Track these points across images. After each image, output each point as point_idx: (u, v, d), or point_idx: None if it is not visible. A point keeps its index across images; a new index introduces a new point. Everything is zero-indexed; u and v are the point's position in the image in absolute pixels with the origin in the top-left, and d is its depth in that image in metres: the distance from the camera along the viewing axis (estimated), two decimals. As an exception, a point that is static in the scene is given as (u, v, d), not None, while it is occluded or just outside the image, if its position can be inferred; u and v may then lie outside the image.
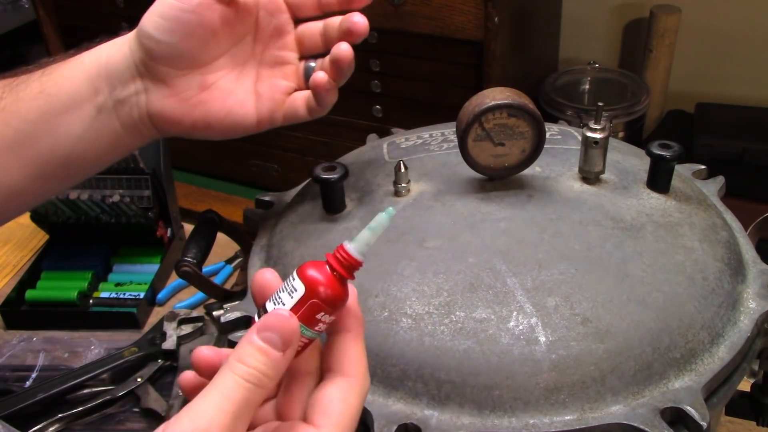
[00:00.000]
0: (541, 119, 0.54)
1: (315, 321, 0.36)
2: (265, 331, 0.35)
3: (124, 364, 0.84)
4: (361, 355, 0.38)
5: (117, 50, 0.52)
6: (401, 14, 0.99)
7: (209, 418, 0.33)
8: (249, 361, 0.34)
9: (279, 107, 0.53)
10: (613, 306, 0.47)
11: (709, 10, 1.26)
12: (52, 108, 0.52)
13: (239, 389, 0.34)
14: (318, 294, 0.36)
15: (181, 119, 0.52)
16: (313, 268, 0.37)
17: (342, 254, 0.37)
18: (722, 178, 0.64)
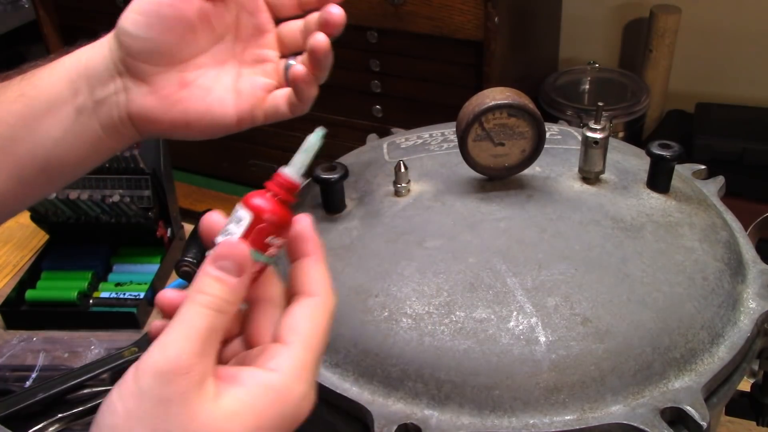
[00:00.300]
0: (541, 119, 0.54)
1: (265, 245, 0.38)
2: (218, 261, 0.36)
3: (124, 364, 0.84)
4: (324, 275, 0.39)
5: (96, 51, 0.52)
6: (401, 14, 0.99)
7: (178, 347, 0.34)
8: (207, 290, 0.36)
9: (260, 105, 0.53)
10: (613, 306, 0.47)
11: (709, 10, 1.26)
12: (31, 111, 0.52)
13: (202, 317, 0.35)
14: (263, 218, 0.38)
15: (160, 117, 0.52)
16: (255, 196, 0.38)
17: (280, 179, 0.39)
18: (722, 178, 0.64)
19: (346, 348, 0.48)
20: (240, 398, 0.35)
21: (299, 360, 0.36)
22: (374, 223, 0.54)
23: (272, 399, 0.35)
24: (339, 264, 0.51)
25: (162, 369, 0.33)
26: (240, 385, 0.35)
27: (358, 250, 0.52)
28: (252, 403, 0.35)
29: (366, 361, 0.47)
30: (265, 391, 0.35)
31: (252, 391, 0.35)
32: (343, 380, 0.47)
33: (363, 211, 0.56)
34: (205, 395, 0.34)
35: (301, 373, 0.36)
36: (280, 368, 0.36)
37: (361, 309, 0.48)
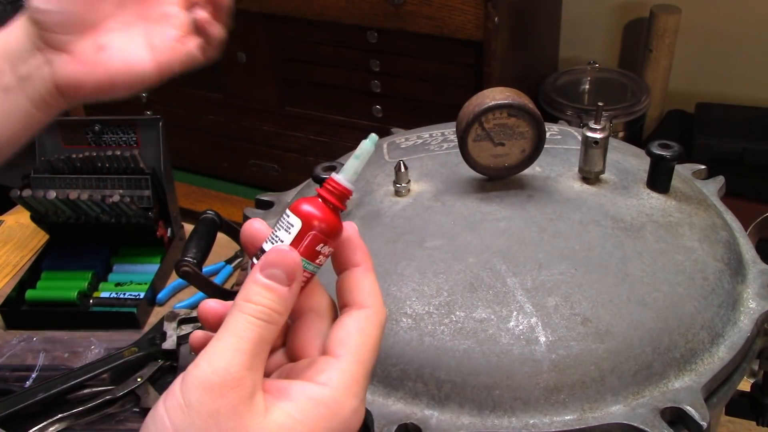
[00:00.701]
0: (541, 119, 0.54)
1: (315, 253, 0.37)
2: (268, 268, 0.35)
3: (124, 364, 0.84)
4: (375, 286, 0.38)
5: (12, 32, 0.54)
6: (401, 14, 0.99)
7: (227, 359, 0.33)
8: (257, 299, 0.35)
9: (175, 55, 0.57)
10: (613, 306, 0.47)
11: (709, 10, 1.26)
12: None
13: (252, 327, 0.34)
14: (315, 225, 0.36)
15: (86, 82, 0.55)
16: (305, 202, 0.37)
17: (332, 185, 0.37)
18: (722, 178, 0.64)
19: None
20: (290, 413, 0.34)
21: (350, 374, 0.35)
22: (374, 223, 0.54)
23: (322, 414, 0.34)
24: (339, 264, 0.51)
25: (211, 382, 0.32)
26: (290, 400, 0.34)
27: (358, 250, 0.52)
28: (302, 418, 0.34)
29: (366, 361, 0.47)
30: (315, 406, 0.34)
31: (302, 406, 0.34)
32: (343, 380, 0.47)
33: (363, 211, 0.56)
34: (255, 409, 0.33)
35: (352, 388, 0.35)
36: (331, 382, 0.35)
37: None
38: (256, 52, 1.53)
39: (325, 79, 1.46)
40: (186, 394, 0.32)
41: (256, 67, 1.56)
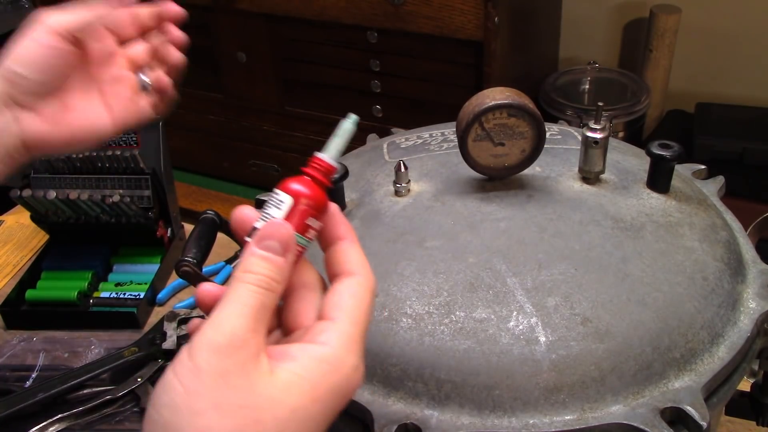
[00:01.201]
0: (541, 119, 0.54)
1: (306, 227, 0.38)
2: (263, 240, 0.37)
3: (124, 364, 0.84)
4: (361, 256, 0.40)
5: None
6: (401, 14, 0.99)
7: (232, 323, 0.34)
8: (255, 269, 0.36)
9: (129, 113, 0.62)
10: (613, 306, 0.47)
11: (709, 10, 1.26)
12: None
13: (253, 294, 0.36)
14: (303, 200, 0.38)
15: (52, 139, 0.59)
16: (293, 180, 0.39)
17: (317, 162, 0.39)
18: (722, 178, 0.64)
19: (346, 348, 0.48)
20: (295, 371, 0.35)
21: (347, 333, 0.37)
22: (374, 223, 0.54)
23: (325, 370, 0.36)
24: (339, 264, 0.51)
25: (219, 344, 0.34)
26: (293, 360, 0.36)
27: (358, 250, 0.52)
28: (307, 375, 0.35)
29: (366, 361, 0.46)
30: (318, 364, 0.36)
31: (305, 364, 0.36)
32: (343, 380, 0.47)
33: (363, 211, 0.56)
34: (261, 368, 0.35)
35: (351, 346, 0.37)
36: (330, 341, 0.36)
37: (361, 309, 0.48)
38: (256, 52, 1.53)
39: (325, 79, 1.46)
40: (194, 357, 0.34)
41: (256, 67, 1.56)
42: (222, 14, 1.45)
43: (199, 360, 0.34)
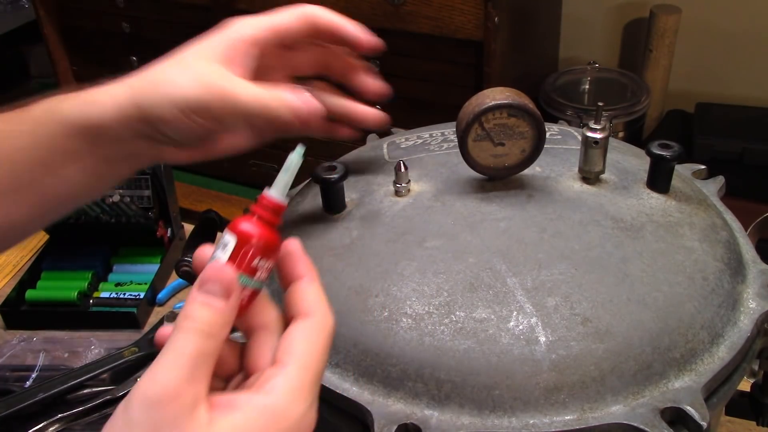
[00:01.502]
0: (541, 119, 0.54)
1: (252, 268, 0.38)
2: (204, 285, 0.36)
3: (124, 364, 0.84)
4: (319, 294, 0.39)
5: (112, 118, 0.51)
6: (401, 14, 0.99)
7: (166, 374, 0.34)
8: (194, 315, 0.35)
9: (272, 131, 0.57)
10: (613, 306, 0.47)
11: (709, 10, 1.26)
12: (49, 161, 0.52)
13: (190, 342, 0.35)
14: (248, 240, 0.38)
15: (188, 160, 0.56)
16: (240, 220, 0.39)
17: (264, 201, 0.39)
18: (722, 178, 0.64)
19: (346, 348, 0.48)
20: (235, 423, 0.34)
21: (296, 380, 0.36)
22: (374, 223, 0.54)
23: (268, 421, 0.35)
24: (339, 264, 0.51)
25: (150, 396, 0.33)
26: (236, 410, 0.35)
27: (358, 250, 0.52)
28: (248, 426, 0.34)
29: (366, 361, 0.47)
30: (261, 414, 0.35)
31: (247, 415, 0.35)
32: (343, 380, 0.47)
33: (363, 211, 0.56)
34: (196, 421, 0.34)
35: (299, 394, 0.36)
36: (275, 390, 0.36)
37: (361, 309, 0.48)
38: (256, 52, 1.52)
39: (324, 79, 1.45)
40: (128, 410, 0.33)
41: (256, 67, 1.56)
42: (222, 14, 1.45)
43: (131, 414, 0.33)
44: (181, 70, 0.50)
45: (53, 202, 0.55)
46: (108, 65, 1.58)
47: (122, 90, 0.51)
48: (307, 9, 0.54)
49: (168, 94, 0.49)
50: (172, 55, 0.52)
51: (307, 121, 0.52)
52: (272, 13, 0.54)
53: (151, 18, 1.44)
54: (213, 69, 0.50)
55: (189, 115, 0.49)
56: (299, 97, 0.51)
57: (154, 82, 0.50)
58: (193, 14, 1.46)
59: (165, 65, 0.51)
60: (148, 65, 0.52)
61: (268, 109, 0.50)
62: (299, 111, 0.51)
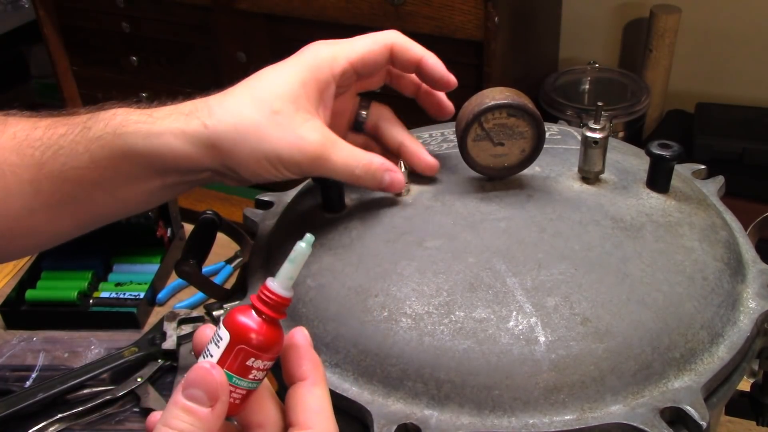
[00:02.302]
0: (541, 119, 0.54)
1: (247, 369, 0.35)
2: (188, 388, 0.34)
3: (124, 364, 0.84)
4: (321, 403, 0.37)
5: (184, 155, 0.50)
6: (401, 14, 0.99)
7: None
8: (174, 424, 0.33)
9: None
10: (613, 306, 0.47)
11: (709, 10, 1.26)
12: (107, 182, 0.51)
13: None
14: (244, 339, 0.35)
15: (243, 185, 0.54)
16: (238, 312, 0.35)
17: (266, 294, 0.35)
18: (722, 178, 0.64)
19: (346, 348, 0.48)
20: None
21: None
22: (374, 223, 0.54)
23: None
24: (339, 264, 0.51)
25: None
26: None
27: (358, 250, 0.52)
28: None
29: (366, 361, 0.47)
30: None
31: None
32: (343, 380, 0.47)
33: (363, 211, 0.56)
34: None
35: None
36: None
37: (360, 309, 0.48)
38: (256, 52, 1.52)
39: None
40: None
41: (256, 67, 1.56)
42: (222, 14, 1.45)
43: None
44: (274, 125, 0.48)
45: (104, 217, 0.55)
46: (108, 65, 1.58)
47: (196, 128, 0.49)
48: (388, 37, 0.53)
49: (257, 146, 0.48)
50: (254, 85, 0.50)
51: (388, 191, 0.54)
52: (354, 40, 0.53)
53: (151, 18, 1.45)
54: (309, 128, 0.49)
55: (276, 167, 0.49)
56: (389, 175, 0.53)
57: (241, 130, 0.48)
58: (193, 14, 1.46)
59: (250, 108, 0.49)
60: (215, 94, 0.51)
61: (354, 178, 0.52)
62: (384, 187, 0.53)
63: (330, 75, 0.51)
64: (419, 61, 0.55)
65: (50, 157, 0.51)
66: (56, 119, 0.52)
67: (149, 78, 1.62)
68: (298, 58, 0.52)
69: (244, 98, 0.50)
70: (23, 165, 0.51)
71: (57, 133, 0.51)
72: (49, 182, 0.51)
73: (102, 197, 0.52)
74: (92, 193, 0.52)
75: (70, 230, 0.55)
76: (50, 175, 0.51)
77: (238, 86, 0.52)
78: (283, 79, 0.51)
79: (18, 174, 0.51)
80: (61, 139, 0.51)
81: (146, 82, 1.67)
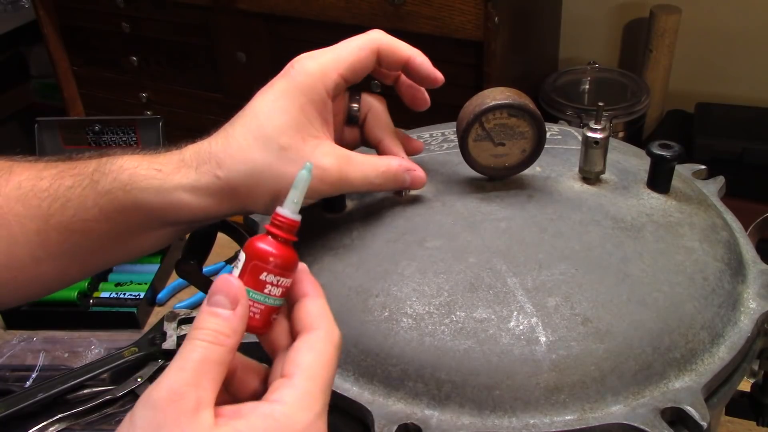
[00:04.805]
0: (542, 119, 0.54)
1: (261, 283, 0.39)
2: (212, 296, 0.38)
3: (124, 364, 0.84)
4: (324, 309, 0.40)
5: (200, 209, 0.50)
6: (401, 14, 0.99)
7: (169, 377, 0.35)
8: (202, 324, 0.37)
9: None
10: (613, 306, 0.47)
11: (709, 10, 1.26)
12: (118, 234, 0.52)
13: (197, 349, 0.36)
14: (257, 255, 0.39)
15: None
16: (255, 238, 0.40)
17: (277, 219, 0.40)
18: (722, 178, 0.64)
19: (346, 348, 0.48)
20: (238, 428, 0.35)
21: (301, 390, 0.37)
22: (374, 223, 0.54)
23: (272, 428, 0.36)
24: (339, 264, 0.51)
25: (154, 398, 0.35)
26: (240, 417, 0.36)
27: (358, 250, 0.52)
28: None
29: (366, 361, 0.47)
30: (264, 421, 0.36)
31: (252, 422, 0.36)
32: (343, 380, 0.47)
33: (363, 211, 0.56)
34: (200, 423, 0.34)
35: (304, 403, 0.37)
36: (283, 399, 0.37)
37: (361, 309, 0.48)
38: (256, 52, 1.53)
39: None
40: (132, 415, 0.35)
41: (256, 67, 1.56)
42: (222, 14, 1.45)
43: (135, 417, 0.35)
44: (287, 162, 0.48)
45: (111, 263, 0.57)
46: (108, 65, 1.58)
47: (209, 181, 0.49)
48: (374, 39, 0.53)
49: (275, 186, 0.49)
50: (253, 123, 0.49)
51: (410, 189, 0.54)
52: (340, 47, 0.52)
53: (151, 18, 1.45)
54: (323, 154, 0.49)
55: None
56: (409, 175, 0.53)
57: (256, 175, 0.48)
58: (193, 14, 1.46)
59: (258, 150, 0.49)
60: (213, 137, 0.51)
61: (375, 187, 0.53)
62: (407, 186, 0.54)
63: (324, 93, 0.51)
64: (407, 61, 0.54)
65: (57, 209, 0.51)
66: (61, 170, 0.52)
67: (149, 78, 1.63)
68: (289, 80, 0.50)
69: (248, 140, 0.49)
70: (29, 216, 0.51)
71: (64, 185, 0.51)
72: (57, 233, 0.51)
73: (111, 247, 0.53)
74: (102, 244, 0.52)
75: (78, 276, 0.56)
76: (58, 227, 0.51)
77: (236, 125, 0.50)
78: (281, 109, 0.50)
79: (24, 224, 0.51)
80: (69, 192, 0.51)
81: (146, 82, 1.68)
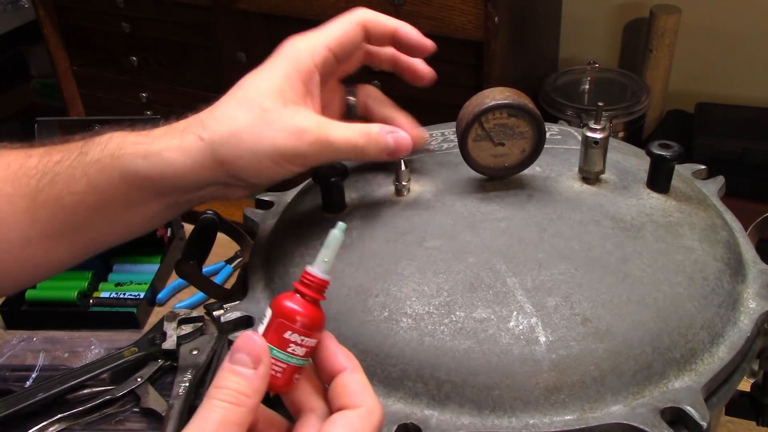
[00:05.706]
0: (541, 119, 0.54)
1: (285, 341, 0.39)
2: (234, 354, 0.37)
3: (124, 364, 0.84)
4: (364, 384, 0.40)
5: (185, 172, 0.50)
6: (401, 14, 0.99)
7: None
8: (223, 383, 0.37)
9: None
10: (613, 306, 0.47)
11: (709, 10, 1.26)
12: (106, 208, 0.51)
13: (215, 409, 0.36)
14: (283, 313, 0.39)
15: (247, 195, 0.55)
16: (282, 296, 0.40)
17: (308, 278, 0.40)
18: (722, 178, 0.64)
19: (346, 348, 0.48)
20: None
21: None
22: (374, 223, 0.54)
23: None
24: (339, 264, 0.51)
25: None
26: None
27: (358, 250, 0.52)
28: None
29: (366, 361, 0.47)
30: None
31: None
32: (343, 380, 0.47)
33: (363, 211, 0.56)
34: None
35: None
36: None
37: (361, 309, 0.48)
38: (256, 52, 1.53)
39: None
40: None
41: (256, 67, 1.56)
42: (222, 14, 1.45)
43: None
44: (267, 122, 0.49)
45: (101, 244, 0.55)
46: (108, 65, 1.58)
47: (193, 142, 0.49)
48: (359, 15, 0.54)
49: (256, 146, 0.49)
50: (239, 92, 0.51)
51: (397, 156, 0.53)
52: (327, 27, 0.53)
53: (151, 18, 1.45)
54: (302, 117, 0.50)
55: (280, 163, 0.50)
56: (392, 137, 0.53)
57: (237, 135, 0.49)
58: (193, 14, 1.46)
59: (240, 112, 0.50)
60: (209, 107, 0.51)
61: (360, 151, 0.52)
62: (392, 151, 0.53)
63: (312, 64, 0.51)
64: (394, 32, 0.55)
65: (46, 184, 0.50)
66: (50, 147, 0.52)
67: (149, 78, 1.62)
68: (278, 56, 0.52)
69: (233, 104, 0.51)
70: (18, 194, 0.51)
71: (52, 160, 0.51)
72: (46, 210, 0.51)
73: (100, 223, 0.52)
74: (90, 219, 0.52)
75: (67, 259, 0.54)
76: (47, 203, 0.51)
77: (224, 96, 0.52)
78: (266, 77, 0.51)
79: (14, 203, 0.50)
80: (57, 166, 0.51)
81: (146, 82, 1.68)
